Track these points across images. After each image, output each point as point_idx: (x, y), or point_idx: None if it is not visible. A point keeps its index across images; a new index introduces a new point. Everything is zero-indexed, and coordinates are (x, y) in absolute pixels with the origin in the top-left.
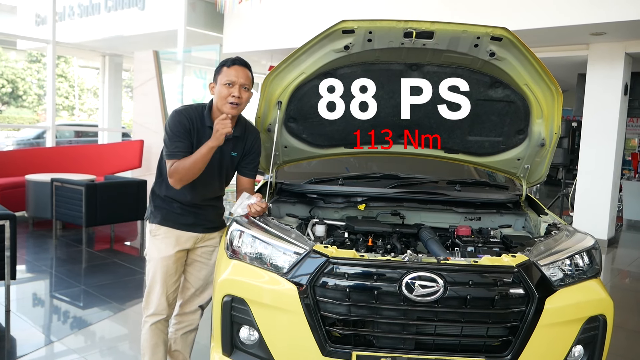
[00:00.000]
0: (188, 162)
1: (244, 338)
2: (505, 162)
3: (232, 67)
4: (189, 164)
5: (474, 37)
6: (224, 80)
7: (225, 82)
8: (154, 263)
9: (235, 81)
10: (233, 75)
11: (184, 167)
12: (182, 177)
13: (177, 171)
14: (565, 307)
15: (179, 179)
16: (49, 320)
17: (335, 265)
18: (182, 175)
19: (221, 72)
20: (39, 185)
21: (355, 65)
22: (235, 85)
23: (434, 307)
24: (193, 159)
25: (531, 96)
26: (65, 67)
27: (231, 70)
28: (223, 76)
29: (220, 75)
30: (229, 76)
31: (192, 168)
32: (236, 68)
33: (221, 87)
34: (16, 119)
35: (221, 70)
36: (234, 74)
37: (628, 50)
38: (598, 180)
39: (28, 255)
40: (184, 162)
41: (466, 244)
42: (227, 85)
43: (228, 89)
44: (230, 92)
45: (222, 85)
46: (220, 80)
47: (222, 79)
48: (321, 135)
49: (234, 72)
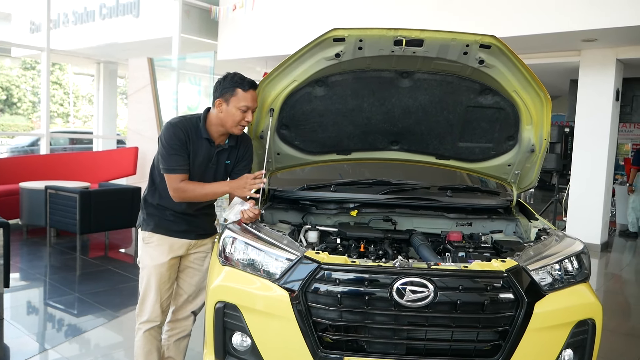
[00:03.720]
0: (201, 191)
1: (236, 344)
2: (496, 168)
3: (249, 92)
4: (201, 193)
5: (463, 44)
6: (241, 104)
7: (241, 107)
8: (147, 270)
9: (251, 106)
10: (250, 101)
11: (195, 193)
12: (188, 198)
13: (185, 192)
14: (555, 311)
15: (183, 198)
16: (43, 327)
17: (326, 271)
18: (190, 197)
19: (236, 94)
20: (33, 193)
21: (346, 73)
22: (250, 110)
23: (425, 312)
24: (207, 191)
25: (520, 103)
26: (60, 74)
27: (248, 95)
28: (239, 100)
29: (235, 98)
30: (247, 101)
31: (203, 197)
32: (252, 93)
33: (235, 110)
34: (10, 126)
35: (235, 92)
36: (251, 99)
37: (619, 57)
38: (591, 185)
39: (22, 263)
40: (196, 188)
41: (457, 250)
42: (243, 110)
43: (242, 114)
44: (244, 117)
45: (237, 108)
46: (234, 103)
47: (237, 102)
48: (313, 142)
49: (250, 97)
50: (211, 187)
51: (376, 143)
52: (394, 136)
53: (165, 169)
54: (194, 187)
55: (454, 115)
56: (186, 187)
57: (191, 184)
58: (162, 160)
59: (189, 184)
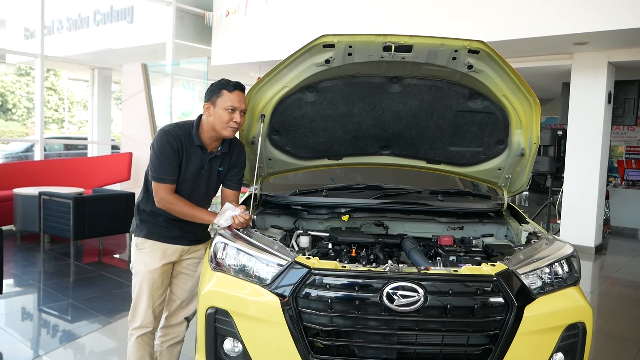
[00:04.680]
0: (187, 211)
1: (227, 350)
2: (487, 172)
3: (234, 93)
4: (187, 213)
5: (452, 50)
6: (227, 105)
7: (227, 107)
8: (140, 276)
9: (238, 107)
10: (236, 101)
11: (181, 210)
12: (172, 211)
13: (172, 205)
14: (545, 315)
15: (167, 208)
16: (37, 333)
17: (317, 276)
18: (174, 211)
19: (221, 95)
20: (27, 199)
21: (336, 79)
22: (237, 110)
23: (415, 316)
24: (192, 213)
25: (510, 107)
26: (55, 80)
27: (233, 95)
28: (225, 101)
29: (221, 99)
30: (232, 101)
31: (185, 217)
32: (238, 94)
33: (222, 111)
34: (5, 132)
35: (221, 93)
36: (237, 100)
37: (611, 59)
38: (584, 187)
39: (16, 269)
40: (184, 206)
41: (448, 254)
42: (229, 110)
43: (230, 114)
44: (232, 118)
45: (224, 109)
46: (220, 104)
47: (223, 103)
48: (305, 148)
49: (236, 97)
50: (198, 212)
51: (367, 148)
52: (384, 141)
53: (153, 177)
54: (182, 204)
55: (444, 120)
56: (175, 201)
57: (180, 200)
58: (152, 167)
59: (179, 200)
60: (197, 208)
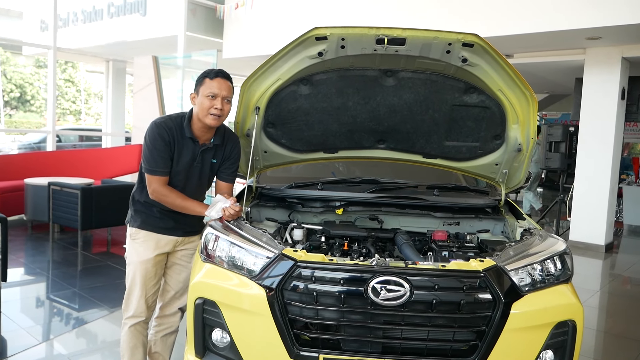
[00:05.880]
0: (180, 203)
1: (216, 340)
2: (484, 167)
3: (215, 80)
4: (179, 205)
5: (446, 43)
6: (207, 92)
7: (207, 94)
8: (133, 266)
9: (218, 93)
10: (216, 88)
11: (173, 201)
12: (165, 202)
13: (164, 197)
14: (533, 311)
15: (160, 200)
16: (39, 321)
17: (303, 268)
18: (166, 202)
19: (203, 83)
20: (37, 189)
21: (330, 72)
22: (218, 97)
23: (401, 310)
24: (184, 205)
25: (506, 102)
26: (73, 72)
27: (214, 82)
28: (205, 88)
29: (203, 87)
30: (212, 88)
31: (178, 209)
32: (219, 80)
33: (203, 99)
34: (23, 123)
35: (203, 81)
36: (217, 86)
37: (625, 55)
38: (595, 185)
39: (25, 258)
40: (176, 198)
41: (441, 249)
42: (210, 97)
43: (210, 101)
44: (212, 104)
45: (205, 96)
46: (202, 92)
47: (204, 90)
48: (300, 140)
49: (216, 84)
50: (190, 204)
51: (362, 141)
52: (380, 135)
53: (146, 169)
54: (175, 196)
55: (440, 114)
56: (168, 193)
57: (173, 192)
58: (144, 159)
59: (171, 192)
60: (189, 200)
